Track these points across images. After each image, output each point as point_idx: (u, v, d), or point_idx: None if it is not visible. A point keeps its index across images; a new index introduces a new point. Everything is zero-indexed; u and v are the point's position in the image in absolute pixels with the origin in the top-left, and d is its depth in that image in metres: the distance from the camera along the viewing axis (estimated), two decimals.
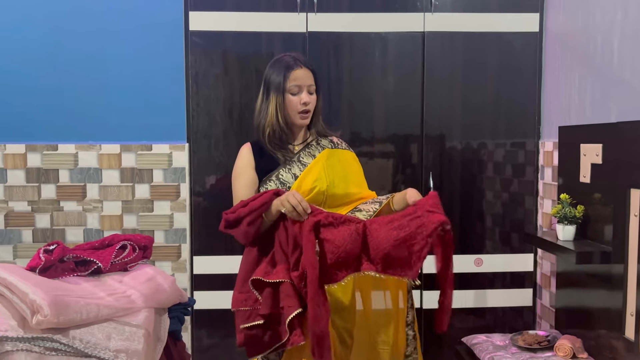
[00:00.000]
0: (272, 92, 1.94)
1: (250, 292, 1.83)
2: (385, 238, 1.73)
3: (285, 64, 1.93)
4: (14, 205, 2.87)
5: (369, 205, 1.95)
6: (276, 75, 1.93)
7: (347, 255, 1.74)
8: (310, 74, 1.95)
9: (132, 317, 2.03)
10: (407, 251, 1.71)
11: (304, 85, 1.93)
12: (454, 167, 2.95)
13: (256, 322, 1.81)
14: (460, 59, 2.92)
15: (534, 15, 2.90)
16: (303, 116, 1.96)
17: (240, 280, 1.89)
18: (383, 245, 1.72)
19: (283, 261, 1.81)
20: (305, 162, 1.98)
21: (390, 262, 1.73)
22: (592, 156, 2.26)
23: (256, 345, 1.84)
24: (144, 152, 2.89)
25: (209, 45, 2.86)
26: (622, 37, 2.23)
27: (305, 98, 1.93)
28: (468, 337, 2.60)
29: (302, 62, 1.95)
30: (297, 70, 1.92)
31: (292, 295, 1.76)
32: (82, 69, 2.84)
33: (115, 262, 2.26)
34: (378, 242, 1.73)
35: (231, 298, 1.90)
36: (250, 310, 1.83)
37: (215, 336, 2.94)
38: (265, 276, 1.78)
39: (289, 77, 1.92)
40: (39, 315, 1.81)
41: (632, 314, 1.97)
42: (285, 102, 1.93)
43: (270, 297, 1.79)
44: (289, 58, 1.95)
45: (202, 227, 2.91)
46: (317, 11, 2.85)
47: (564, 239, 2.30)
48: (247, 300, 1.83)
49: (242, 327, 1.84)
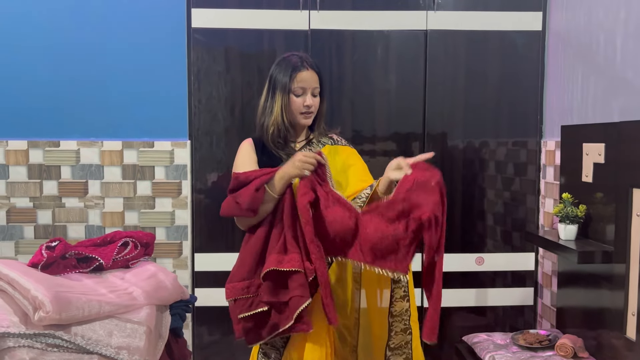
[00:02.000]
0: (278, 92, 1.94)
1: (252, 280, 1.81)
2: (374, 230, 1.72)
3: (292, 65, 1.93)
4: (15, 201, 2.87)
5: (362, 192, 1.95)
6: (282, 75, 1.93)
7: (340, 235, 1.75)
8: (316, 76, 1.95)
9: (134, 314, 2.04)
10: (397, 245, 1.70)
11: (309, 87, 1.93)
12: (456, 165, 2.95)
13: (259, 309, 1.79)
14: (463, 57, 2.92)
15: (537, 13, 2.90)
16: (306, 116, 1.96)
17: (239, 269, 1.85)
18: (373, 237, 1.72)
19: (295, 250, 1.78)
20: None
21: (380, 255, 1.72)
22: (595, 155, 2.25)
23: (257, 332, 1.82)
24: (146, 149, 2.89)
25: (211, 42, 2.86)
26: (625, 35, 2.22)
27: (309, 101, 1.93)
28: (469, 335, 2.60)
29: (309, 64, 1.94)
30: (303, 72, 1.92)
31: (304, 285, 1.76)
32: (85, 65, 2.84)
33: (117, 259, 2.27)
34: (368, 234, 1.73)
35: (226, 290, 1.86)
36: (252, 297, 1.80)
37: (216, 333, 2.94)
38: (278, 265, 1.75)
39: (295, 79, 1.91)
40: (41, 312, 1.81)
41: (634, 314, 1.97)
42: (290, 102, 1.94)
43: (277, 286, 1.77)
44: (296, 58, 1.95)
45: (203, 225, 2.91)
46: (319, 9, 2.84)
47: (566, 238, 2.30)
48: (249, 288, 1.81)
49: (241, 316, 1.81)
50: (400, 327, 1.91)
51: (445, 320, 2.97)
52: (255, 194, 1.78)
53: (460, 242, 2.95)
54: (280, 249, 1.79)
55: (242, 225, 1.90)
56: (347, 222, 1.75)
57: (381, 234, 1.71)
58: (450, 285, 2.95)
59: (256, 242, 1.85)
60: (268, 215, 1.84)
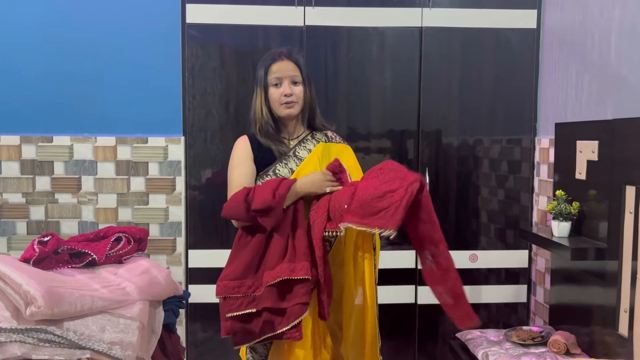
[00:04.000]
0: (257, 87, 1.98)
1: (244, 280, 1.81)
2: (364, 187, 1.77)
3: (269, 58, 1.97)
4: (8, 197, 2.86)
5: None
6: (260, 70, 1.98)
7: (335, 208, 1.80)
8: (292, 64, 1.95)
9: (127, 310, 2.03)
10: (387, 202, 1.72)
11: (285, 76, 1.94)
12: (450, 163, 2.96)
13: (248, 310, 1.78)
14: (458, 54, 2.92)
15: (532, 11, 2.90)
16: (287, 106, 1.95)
17: (234, 268, 1.84)
18: (365, 195, 1.75)
19: (305, 257, 1.80)
20: (301, 156, 1.98)
21: (370, 211, 1.73)
22: (588, 153, 2.26)
23: (245, 334, 1.81)
24: (140, 145, 2.88)
25: (205, 38, 2.85)
26: (619, 33, 2.23)
27: (287, 89, 1.94)
28: (462, 332, 2.60)
29: (285, 54, 1.96)
30: (277, 63, 1.94)
31: (309, 293, 1.79)
32: (78, 61, 2.83)
33: (110, 254, 2.26)
34: (361, 193, 1.76)
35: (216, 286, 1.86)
36: (242, 297, 1.80)
37: (209, 329, 2.94)
38: (291, 274, 1.77)
39: (270, 71, 1.95)
40: (32, 307, 1.80)
41: (626, 310, 1.98)
42: (268, 95, 1.95)
43: (282, 292, 1.78)
44: (275, 52, 1.98)
45: (197, 221, 2.90)
46: (314, 5, 2.84)
47: (559, 235, 2.31)
48: (240, 288, 1.80)
49: (229, 316, 1.80)
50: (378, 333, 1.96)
51: (439, 317, 2.97)
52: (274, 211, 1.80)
53: (454, 239, 2.96)
54: (290, 257, 1.80)
55: (237, 223, 1.91)
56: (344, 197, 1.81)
57: (374, 191, 1.75)
58: None
59: (256, 245, 1.85)
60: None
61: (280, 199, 1.80)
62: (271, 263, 1.81)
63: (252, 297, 1.80)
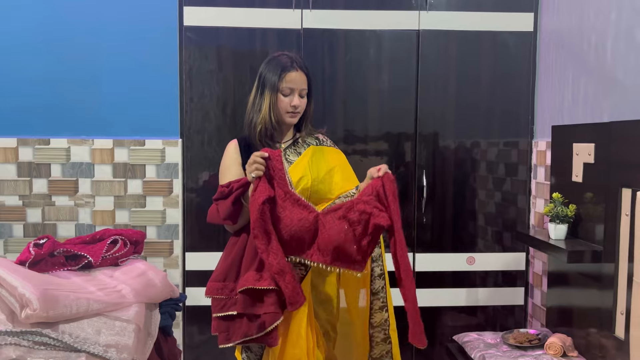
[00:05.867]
0: (267, 90, 1.96)
1: (227, 282, 1.87)
2: (336, 231, 1.78)
3: (282, 65, 1.95)
4: (4, 199, 2.85)
5: (342, 199, 1.96)
6: (272, 74, 1.95)
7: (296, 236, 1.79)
8: (304, 77, 1.97)
9: (123, 312, 2.03)
10: (356, 245, 1.77)
11: (297, 88, 1.96)
12: (447, 165, 2.96)
13: (229, 312, 1.85)
14: (455, 57, 2.93)
15: (529, 14, 2.91)
16: (292, 116, 1.99)
17: (219, 270, 1.92)
18: (333, 238, 1.77)
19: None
20: (291, 159, 1.99)
21: (339, 255, 1.79)
22: (585, 155, 2.26)
23: (228, 334, 1.87)
24: (137, 148, 2.88)
25: (203, 40, 2.85)
26: (615, 36, 2.23)
27: (296, 101, 1.95)
28: (459, 334, 2.60)
29: (299, 64, 1.96)
30: (292, 73, 1.94)
31: (278, 302, 1.81)
32: (76, 63, 2.83)
33: (106, 257, 2.26)
34: (329, 235, 1.78)
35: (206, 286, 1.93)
36: (225, 299, 1.87)
37: (206, 332, 2.93)
38: (255, 284, 1.81)
39: (284, 78, 1.94)
40: (28, 309, 1.80)
41: (622, 313, 1.98)
42: (277, 101, 1.95)
43: (253, 299, 1.82)
44: (286, 58, 1.97)
45: (194, 224, 2.90)
46: (312, 8, 2.84)
47: (556, 238, 2.31)
48: (223, 290, 1.87)
49: (214, 315, 1.88)
50: (380, 337, 1.97)
51: (436, 320, 2.97)
52: (232, 207, 1.86)
53: (452, 242, 2.96)
54: (257, 265, 1.84)
55: (228, 228, 1.97)
56: (304, 223, 1.80)
57: (342, 235, 1.76)
58: (441, 285, 2.96)
59: (238, 250, 1.91)
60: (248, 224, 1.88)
61: (231, 184, 1.86)
62: (244, 269, 1.87)
63: (235, 299, 1.85)
